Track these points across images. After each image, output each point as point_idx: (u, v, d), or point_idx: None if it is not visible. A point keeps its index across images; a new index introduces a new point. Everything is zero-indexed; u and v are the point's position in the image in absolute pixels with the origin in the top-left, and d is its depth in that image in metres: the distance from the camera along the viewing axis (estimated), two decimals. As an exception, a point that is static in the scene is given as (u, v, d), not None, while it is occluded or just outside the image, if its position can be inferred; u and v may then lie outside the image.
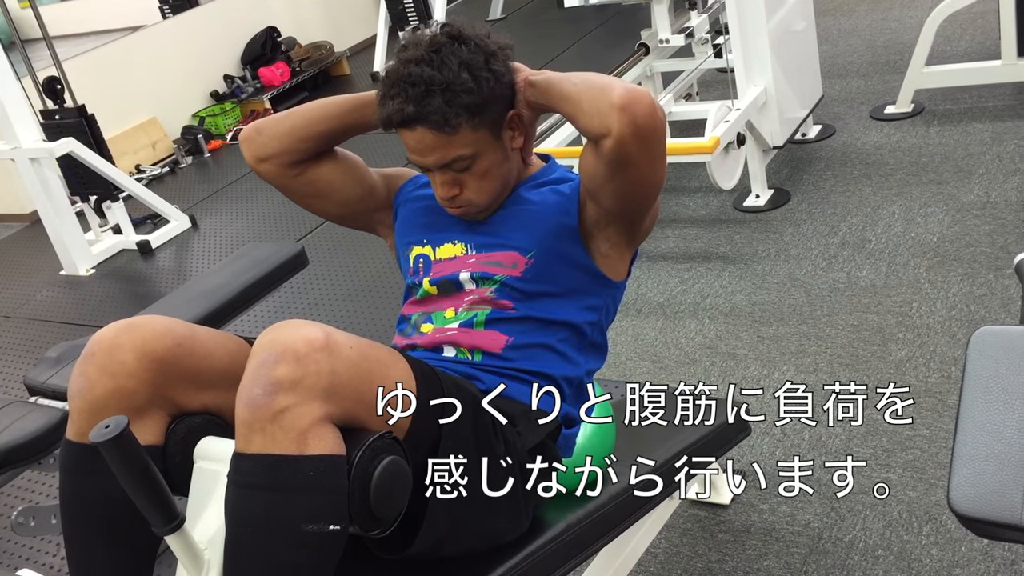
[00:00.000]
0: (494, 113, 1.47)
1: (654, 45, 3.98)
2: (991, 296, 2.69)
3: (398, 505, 1.24)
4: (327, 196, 1.68)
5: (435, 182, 1.52)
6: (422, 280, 1.60)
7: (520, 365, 1.51)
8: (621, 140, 1.35)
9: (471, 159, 1.47)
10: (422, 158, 1.47)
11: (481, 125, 1.45)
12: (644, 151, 1.38)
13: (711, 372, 2.67)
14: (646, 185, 1.45)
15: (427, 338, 1.55)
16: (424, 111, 1.40)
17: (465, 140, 1.44)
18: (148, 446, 1.31)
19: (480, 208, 1.54)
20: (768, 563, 2.00)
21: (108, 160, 4.52)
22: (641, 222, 1.54)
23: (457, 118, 1.41)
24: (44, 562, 2.50)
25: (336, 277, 3.85)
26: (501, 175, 1.53)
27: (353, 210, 1.72)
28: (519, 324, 1.52)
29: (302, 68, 6.55)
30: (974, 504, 1.10)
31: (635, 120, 1.33)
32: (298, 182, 1.65)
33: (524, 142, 1.55)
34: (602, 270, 1.56)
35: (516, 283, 1.52)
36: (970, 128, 3.70)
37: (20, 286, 4.64)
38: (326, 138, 1.62)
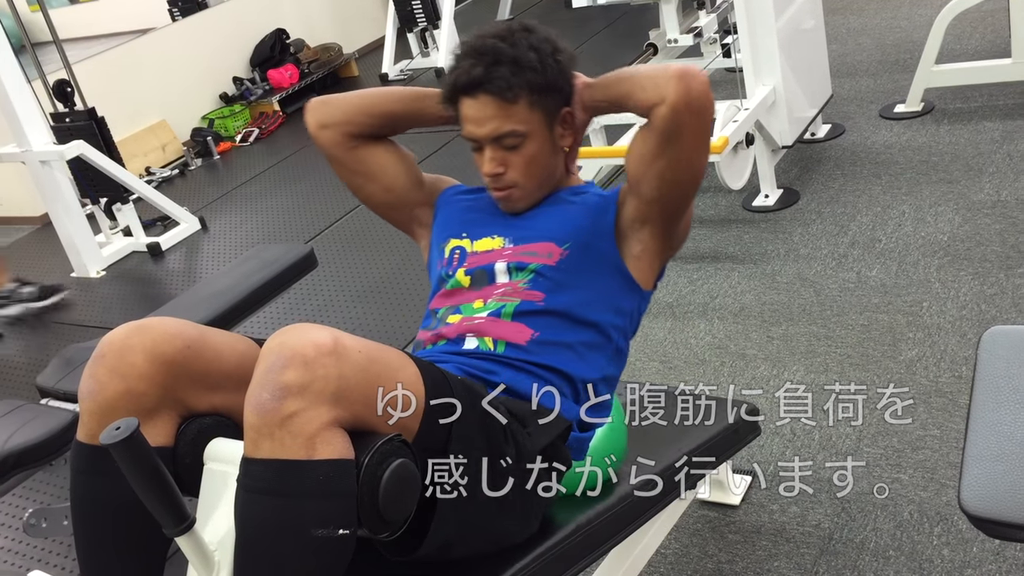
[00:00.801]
0: (552, 101, 1.55)
1: (663, 45, 3.97)
2: (1002, 295, 2.67)
3: (407, 508, 1.24)
4: (375, 178, 1.73)
5: (483, 159, 1.58)
6: (456, 270, 1.63)
7: (542, 360, 1.52)
8: (675, 107, 1.43)
9: (522, 138, 1.54)
10: (478, 128, 1.54)
11: (538, 106, 1.53)
12: (695, 123, 1.46)
13: (720, 372, 2.66)
14: (690, 167, 1.52)
15: (452, 328, 1.57)
16: (490, 75, 1.50)
17: (521, 115, 1.52)
18: (158, 447, 1.32)
19: (521, 194, 1.60)
20: (778, 564, 1.99)
21: (118, 162, 4.53)
22: (676, 221, 1.59)
23: (519, 89, 1.50)
24: (55, 563, 2.51)
25: (345, 278, 3.85)
26: (546, 165, 1.59)
27: (396, 198, 1.75)
28: (547, 318, 1.54)
29: (311, 70, 6.56)
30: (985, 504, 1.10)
31: (690, 90, 1.43)
32: (352, 156, 1.71)
33: (571, 145, 1.64)
34: (632, 273, 1.59)
35: (550, 271, 1.56)
36: (980, 127, 3.68)
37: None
38: (388, 118, 1.70)
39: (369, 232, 4.25)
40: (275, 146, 5.90)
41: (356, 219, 4.43)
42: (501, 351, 1.52)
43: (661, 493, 1.68)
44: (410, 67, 6.57)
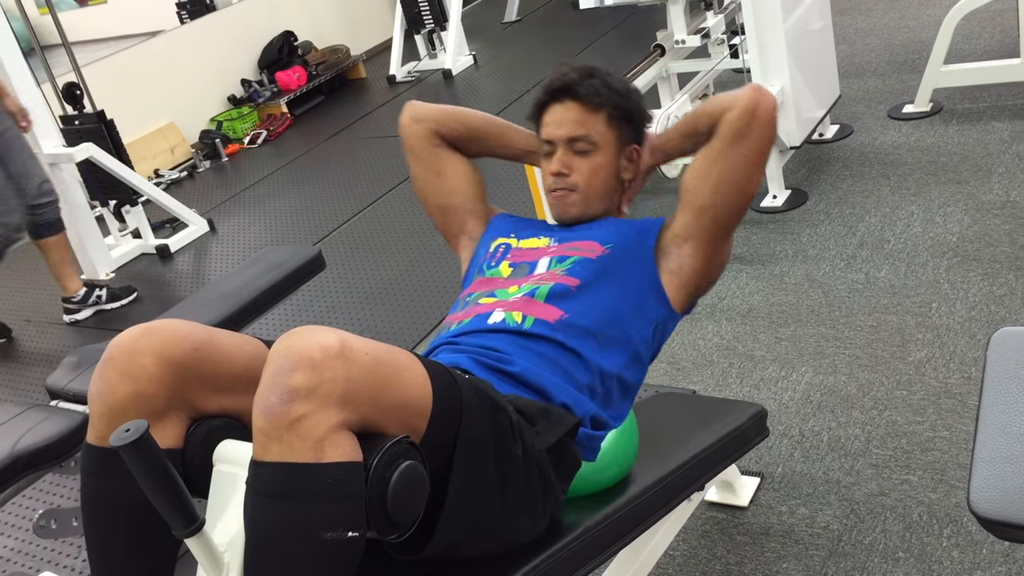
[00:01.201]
0: (626, 129, 1.73)
1: (670, 46, 3.97)
2: (1011, 296, 2.67)
3: (416, 510, 1.24)
4: (445, 178, 1.85)
5: (553, 160, 1.71)
6: (499, 262, 1.73)
7: (565, 340, 1.56)
8: (746, 110, 1.58)
9: (593, 146, 1.70)
10: (557, 128, 1.70)
11: (614, 126, 1.71)
12: (760, 131, 1.59)
13: (728, 374, 2.66)
14: (746, 177, 1.62)
15: (484, 306, 1.63)
16: (582, 82, 1.69)
17: (599, 127, 1.69)
18: (168, 449, 1.32)
19: (578, 198, 1.72)
20: (787, 565, 1.99)
21: (127, 165, 4.55)
22: (719, 242, 1.67)
23: (604, 101, 1.69)
24: (66, 564, 2.52)
25: (353, 280, 3.86)
26: (606, 181, 1.73)
27: (456, 203, 1.86)
28: (578, 303, 1.59)
29: (319, 72, 6.58)
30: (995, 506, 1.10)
31: (761, 100, 1.59)
32: (432, 152, 1.85)
33: (630, 183, 1.78)
34: (664, 287, 1.66)
35: (589, 263, 1.64)
36: (989, 127, 3.67)
37: (41, 290, 4.68)
38: (474, 132, 1.86)
39: (377, 234, 4.26)
40: (283, 148, 5.91)
41: (364, 221, 4.44)
42: (528, 326, 1.56)
43: (669, 495, 1.68)
44: (417, 69, 6.58)
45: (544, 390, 1.52)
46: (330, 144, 5.75)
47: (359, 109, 6.29)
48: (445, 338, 1.63)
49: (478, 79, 6.27)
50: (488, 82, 6.14)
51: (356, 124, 6.01)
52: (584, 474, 1.55)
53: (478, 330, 1.59)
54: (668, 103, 3.89)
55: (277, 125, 6.18)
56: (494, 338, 1.56)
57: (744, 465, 2.27)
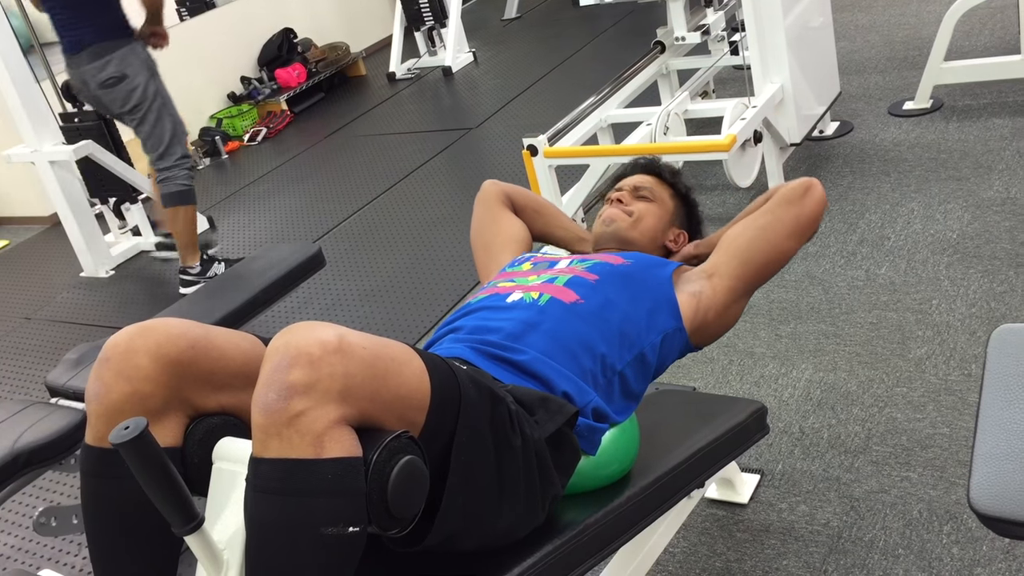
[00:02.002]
0: (682, 213, 2.00)
1: (670, 43, 3.97)
2: (1011, 293, 2.66)
3: (416, 504, 1.24)
4: (499, 225, 2.07)
5: (620, 199, 1.95)
6: (522, 264, 1.85)
7: (575, 322, 1.62)
8: (801, 184, 1.74)
9: (653, 201, 1.95)
10: (630, 183, 1.99)
11: (674, 203, 1.99)
12: (810, 204, 1.74)
13: (729, 371, 2.66)
14: (785, 237, 1.74)
15: (502, 288, 1.73)
16: (662, 167, 2.04)
17: (663, 193, 1.98)
18: (167, 448, 1.32)
19: (627, 224, 1.92)
20: (787, 562, 1.99)
21: (127, 162, 4.55)
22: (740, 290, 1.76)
23: (676, 183, 2.01)
24: (66, 562, 2.52)
25: (353, 277, 3.86)
26: (654, 227, 1.94)
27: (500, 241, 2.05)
28: (595, 293, 1.67)
29: (318, 69, 6.58)
30: (995, 503, 1.10)
31: (816, 185, 1.75)
32: (499, 207, 2.09)
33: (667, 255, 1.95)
34: (678, 304, 1.73)
35: (608, 266, 1.74)
36: (990, 124, 3.67)
37: (40, 288, 4.68)
38: (539, 208, 2.12)
39: (377, 231, 4.26)
40: (283, 145, 5.91)
41: (364, 218, 4.44)
42: (544, 302, 1.64)
43: (670, 492, 1.68)
44: (417, 66, 6.58)
45: (547, 378, 1.53)
46: (330, 142, 5.75)
47: (359, 106, 6.29)
48: (459, 313, 1.71)
49: (478, 76, 6.27)
50: (488, 79, 6.14)
51: (356, 121, 6.01)
52: (585, 470, 1.55)
53: (494, 306, 1.67)
54: (668, 100, 3.89)
55: (277, 122, 6.18)
56: (504, 314, 1.63)
57: (744, 462, 2.27)
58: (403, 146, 5.31)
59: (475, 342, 1.58)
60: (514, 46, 6.79)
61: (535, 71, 5.95)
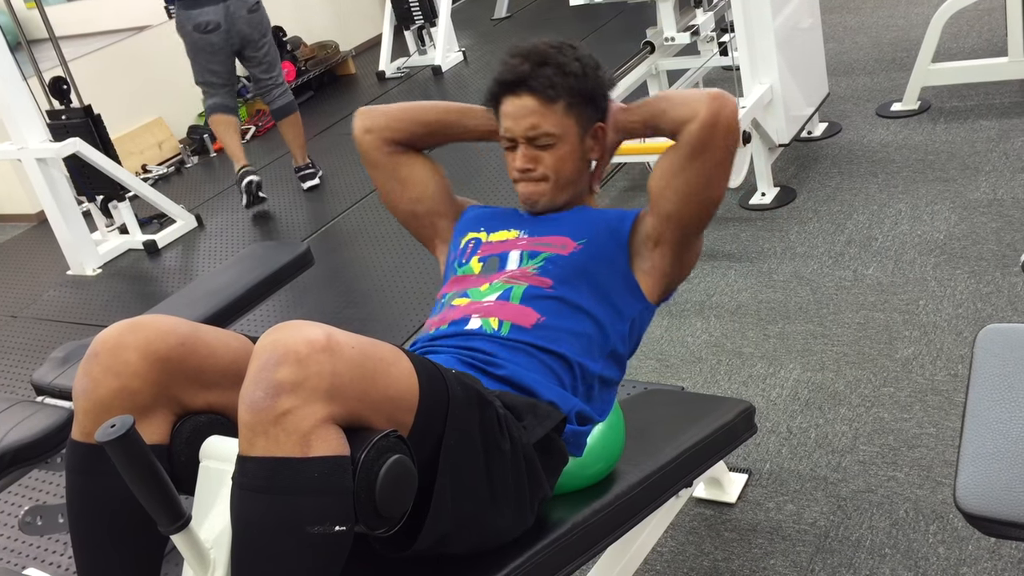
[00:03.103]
0: (587, 112, 1.65)
1: (659, 43, 3.97)
2: (998, 294, 2.68)
3: (404, 504, 1.24)
4: (408, 185, 1.81)
5: (516, 156, 1.66)
6: (469, 259, 1.70)
7: (545, 344, 1.55)
8: (705, 123, 1.53)
9: (555, 139, 1.63)
10: (516, 124, 1.63)
11: (574, 112, 1.63)
12: (721, 142, 1.55)
13: (717, 370, 2.66)
14: (709, 186, 1.59)
15: (458, 310, 1.61)
16: (535, 73, 1.61)
17: (557, 118, 1.62)
18: (154, 445, 1.31)
19: (547, 188, 1.67)
20: (774, 562, 2.00)
21: (114, 160, 4.53)
22: (688, 245, 1.65)
23: (560, 90, 1.61)
24: (51, 561, 2.51)
25: (341, 277, 3.85)
26: (573, 168, 1.68)
27: (424, 208, 1.82)
28: (553, 303, 1.58)
29: (308, 67, 6.55)
30: (981, 502, 1.10)
31: (721, 110, 1.53)
32: (390, 160, 1.79)
33: (598, 161, 1.72)
34: (639, 284, 1.64)
35: (561, 260, 1.61)
36: (977, 125, 3.69)
37: (27, 286, 4.65)
38: (430, 127, 1.79)
39: (365, 231, 4.25)
40: (271, 144, 5.89)
41: (352, 218, 4.43)
42: (505, 332, 1.55)
43: (657, 491, 1.68)
44: (407, 65, 6.57)
45: (531, 390, 1.52)
46: (319, 140, 5.73)
47: (348, 105, 6.27)
48: (423, 340, 1.62)
49: (468, 75, 6.26)
50: (478, 78, 6.13)
51: (345, 120, 5.99)
52: (571, 469, 1.55)
53: (456, 334, 1.58)
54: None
55: (266, 121, 6.16)
56: (475, 341, 1.56)
57: (732, 462, 2.27)
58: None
59: (459, 353, 1.55)
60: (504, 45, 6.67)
61: (525, 71, 5.94)
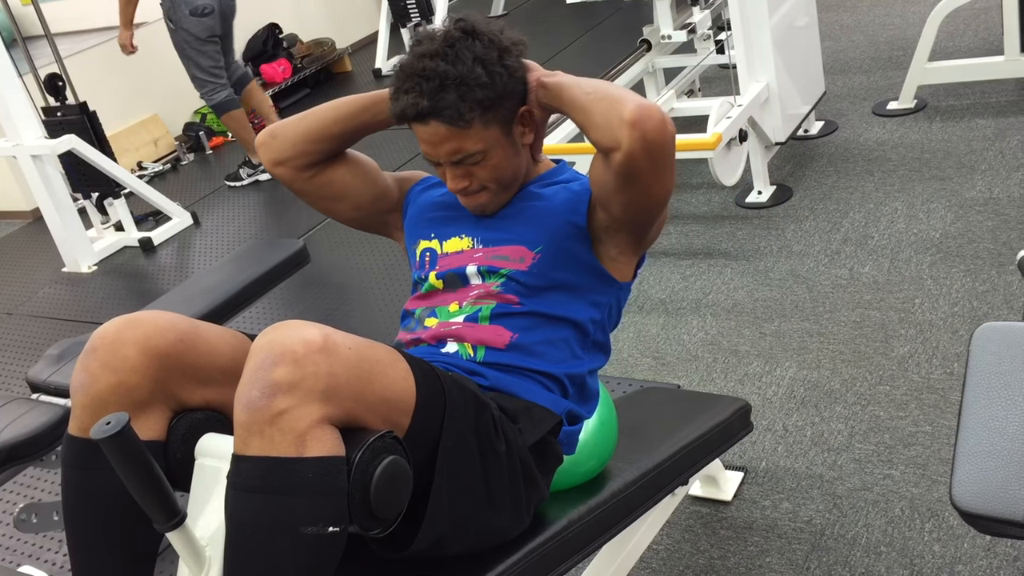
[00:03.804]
0: (506, 109, 1.49)
1: (656, 41, 3.97)
2: (994, 292, 2.68)
3: (399, 505, 1.24)
4: (342, 198, 1.70)
5: (447, 175, 1.53)
6: (428, 274, 1.61)
7: (523, 363, 1.51)
8: (630, 155, 1.36)
9: (482, 154, 1.48)
10: (435, 150, 1.49)
11: (493, 121, 1.47)
12: (653, 166, 1.39)
13: (713, 369, 2.66)
14: (654, 196, 1.46)
15: (430, 332, 1.55)
16: (438, 105, 1.42)
17: (477, 135, 1.46)
18: (150, 441, 1.31)
19: (490, 196, 1.55)
20: (770, 559, 2.00)
21: (110, 157, 4.52)
22: (648, 230, 1.55)
23: (471, 113, 1.43)
24: (46, 559, 2.50)
25: (338, 274, 3.85)
26: (511, 169, 1.54)
27: (368, 212, 1.73)
28: (524, 319, 1.52)
29: (304, 65, 6.54)
30: (976, 500, 1.10)
31: (645, 136, 1.35)
32: (313, 184, 1.66)
33: (534, 139, 1.57)
34: (608, 271, 1.57)
35: (522, 277, 1.52)
36: (973, 124, 3.69)
37: (22, 283, 4.64)
38: (339, 139, 1.64)
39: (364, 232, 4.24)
40: (268, 141, 5.88)
41: (349, 214, 4.42)
42: (481, 357, 1.50)
43: (653, 489, 1.68)
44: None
45: (519, 397, 1.50)
46: (315, 137, 5.73)
47: (344, 102, 6.26)
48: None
49: (464, 73, 6.25)
50: (474, 76, 6.12)
51: (341, 117, 5.98)
52: (564, 467, 1.55)
53: (434, 356, 1.52)
54: (654, 98, 3.90)
55: (261, 118, 6.14)
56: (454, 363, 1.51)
57: (728, 460, 2.28)
58: (388, 143, 5.29)
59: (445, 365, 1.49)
60: (501, 43, 6.76)
61: (521, 68, 5.94)
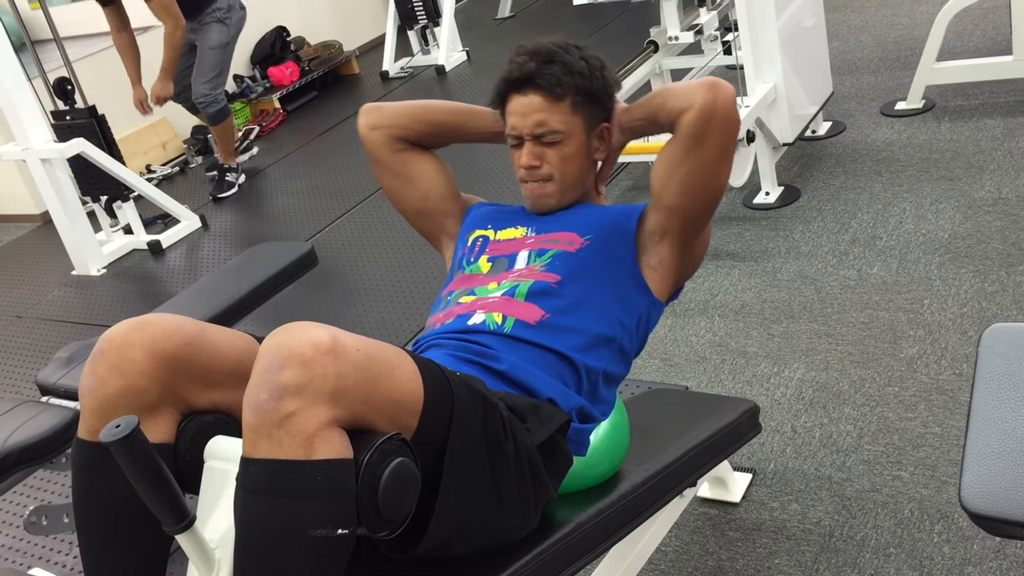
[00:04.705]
0: (593, 110, 1.66)
1: (663, 42, 3.97)
2: (1003, 293, 2.67)
3: (407, 507, 1.24)
4: (414, 183, 1.82)
5: (522, 153, 1.67)
6: (478, 257, 1.71)
7: (548, 343, 1.55)
8: (702, 111, 1.53)
9: (561, 136, 1.64)
10: (523, 120, 1.64)
11: (580, 110, 1.64)
12: (719, 130, 1.54)
13: (721, 370, 2.66)
14: (711, 176, 1.59)
15: (464, 306, 1.61)
16: (542, 71, 1.61)
17: (564, 115, 1.63)
18: (159, 444, 1.32)
19: (553, 188, 1.68)
20: (779, 561, 1.99)
21: (119, 160, 4.53)
22: (693, 237, 1.65)
23: (566, 88, 1.61)
24: (56, 561, 2.51)
25: (346, 277, 3.85)
26: (579, 168, 1.68)
27: (430, 206, 1.83)
28: (559, 300, 1.58)
29: (311, 67, 6.56)
30: (986, 502, 1.10)
31: (718, 98, 1.53)
32: (397, 158, 1.80)
33: (603, 163, 1.74)
34: (646, 280, 1.64)
35: (568, 256, 1.62)
36: (981, 124, 3.68)
37: (32, 286, 4.66)
38: (436, 127, 1.80)
39: (370, 230, 4.25)
40: (275, 144, 5.90)
41: (357, 217, 4.43)
42: (509, 328, 1.55)
43: (662, 491, 1.68)
44: (411, 65, 6.57)
45: (531, 387, 1.51)
46: (323, 140, 5.74)
47: (352, 105, 6.27)
48: (428, 337, 1.62)
49: (471, 75, 6.26)
50: (481, 78, 6.13)
51: (349, 120, 5.99)
52: (575, 469, 1.55)
53: (459, 330, 1.58)
54: (661, 99, 3.89)
55: (269, 121, 6.16)
56: (477, 336, 1.56)
57: (736, 461, 2.27)
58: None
59: (459, 349, 1.55)
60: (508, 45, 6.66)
61: (528, 70, 5.94)
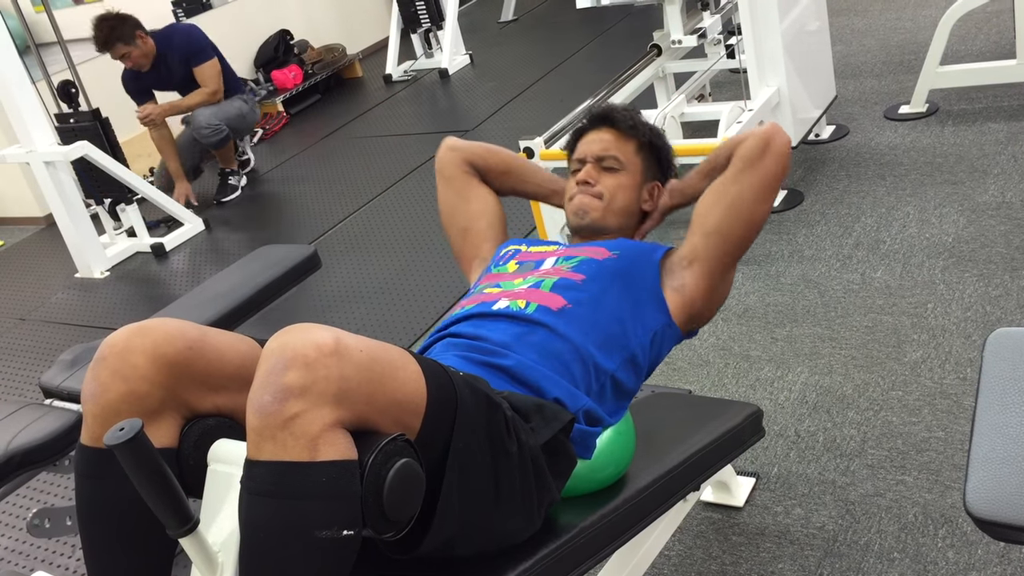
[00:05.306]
0: (652, 165, 1.87)
1: (666, 46, 3.97)
2: (1007, 297, 2.67)
3: (412, 508, 1.24)
4: (470, 202, 1.97)
5: (583, 171, 1.84)
6: (507, 262, 1.80)
7: (565, 330, 1.59)
8: (761, 139, 1.68)
9: (621, 166, 1.83)
10: (590, 147, 1.86)
11: (643, 155, 1.86)
12: (773, 159, 1.68)
13: (724, 374, 2.66)
14: (759, 201, 1.69)
15: (489, 295, 1.69)
16: (619, 116, 1.87)
17: (628, 153, 1.84)
18: (162, 448, 1.32)
19: (600, 206, 1.82)
20: (782, 566, 1.99)
21: (122, 163, 4.54)
22: (723, 270, 1.72)
23: (637, 132, 1.86)
24: (59, 563, 2.51)
25: (349, 279, 3.86)
26: (627, 200, 1.84)
27: (478, 227, 1.96)
28: (582, 293, 1.65)
29: (315, 71, 6.57)
30: (990, 507, 1.10)
31: (778, 133, 1.69)
32: (462, 177, 1.98)
33: (649, 214, 1.89)
34: (666, 299, 1.71)
35: (594, 263, 1.70)
36: (985, 128, 3.68)
37: (35, 289, 4.67)
38: (503, 165, 2.00)
39: (373, 233, 4.26)
40: (279, 147, 5.91)
41: (360, 220, 4.44)
42: (531, 311, 1.61)
43: (665, 495, 1.67)
44: (414, 68, 6.58)
45: (537, 385, 1.52)
46: (326, 143, 5.74)
47: (355, 108, 6.29)
48: (446, 323, 1.68)
49: (474, 79, 6.27)
50: (484, 82, 6.14)
51: (352, 123, 6.00)
52: (580, 473, 1.55)
53: (481, 314, 1.64)
54: (665, 103, 3.89)
55: (273, 124, 6.17)
56: (493, 324, 1.60)
57: (740, 465, 2.27)
58: (399, 148, 5.31)
59: (463, 348, 1.57)
60: (511, 48, 6.79)
61: (532, 74, 5.95)
